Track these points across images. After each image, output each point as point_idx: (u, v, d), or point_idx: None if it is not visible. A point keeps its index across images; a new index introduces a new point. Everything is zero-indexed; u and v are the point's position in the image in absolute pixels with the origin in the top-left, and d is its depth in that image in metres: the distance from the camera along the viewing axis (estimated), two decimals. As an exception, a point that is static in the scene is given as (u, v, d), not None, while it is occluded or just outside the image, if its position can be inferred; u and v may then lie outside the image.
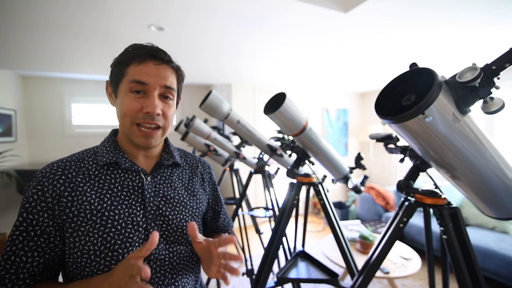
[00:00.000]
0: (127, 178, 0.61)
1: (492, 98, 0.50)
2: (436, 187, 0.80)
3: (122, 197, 0.59)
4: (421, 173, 0.82)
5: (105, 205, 0.57)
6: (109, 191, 0.59)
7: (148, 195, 0.61)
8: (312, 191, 1.29)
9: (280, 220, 1.22)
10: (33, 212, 0.54)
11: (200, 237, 0.59)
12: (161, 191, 0.64)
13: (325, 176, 1.35)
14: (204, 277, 2.48)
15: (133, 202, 0.60)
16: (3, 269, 0.52)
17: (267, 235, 3.25)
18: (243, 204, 3.17)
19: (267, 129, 3.92)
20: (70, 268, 0.56)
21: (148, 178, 0.63)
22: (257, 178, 3.85)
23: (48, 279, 0.57)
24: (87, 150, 0.64)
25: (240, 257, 0.56)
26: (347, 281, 2.01)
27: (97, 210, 0.56)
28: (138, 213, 0.59)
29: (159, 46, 0.62)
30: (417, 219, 2.82)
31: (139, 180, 0.62)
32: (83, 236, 0.54)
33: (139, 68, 0.58)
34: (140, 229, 0.58)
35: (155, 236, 0.48)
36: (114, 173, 0.61)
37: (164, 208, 0.63)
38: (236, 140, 3.30)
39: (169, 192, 0.65)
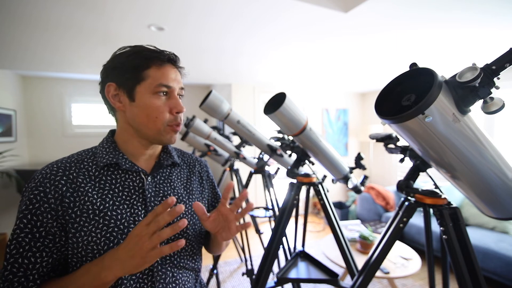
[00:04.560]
0: (127, 178, 0.62)
1: (492, 98, 0.49)
2: (436, 187, 0.81)
3: (124, 197, 0.60)
4: (421, 173, 0.82)
5: (107, 205, 0.57)
6: (111, 192, 0.59)
7: (149, 195, 0.62)
8: (312, 191, 1.29)
9: (280, 220, 1.22)
10: (36, 214, 0.54)
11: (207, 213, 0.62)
12: (161, 191, 0.65)
13: (325, 176, 1.35)
14: (204, 276, 2.48)
15: (135, 202, 0.60)
16: (10, 273, 0.51)
17: (267, 235, 3.25)
18: (243, 204, 3.17)
19: (267, 129, 3.92)
20: (74, 267, 0.56)
21: (149, 178, 0.64)
22: (257, 178, 3.86)
23: (54, 278, 0.57)
24: (85, 151, 0.64)
25: (246, 193, 0.61)
26: (347, 281, 2.01)
27: (99, 210, 0.56)
28: (139, 212, 0.60)
29: (159, 47, 0.63)
30: (417, 219, 2.82)
31: (139, 180, 0.63)
32: (85, 236, 0.54)
33: (162, 72, 0.60)
34: None
35: (172, 199, 0.50)
36: (115, 173, 0.62)
37: None
38: (236, 140, 3.30)
39: (169, 192, 0.66)
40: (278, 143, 1.41)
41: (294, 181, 1.28)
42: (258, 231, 2.29)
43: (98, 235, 0.55)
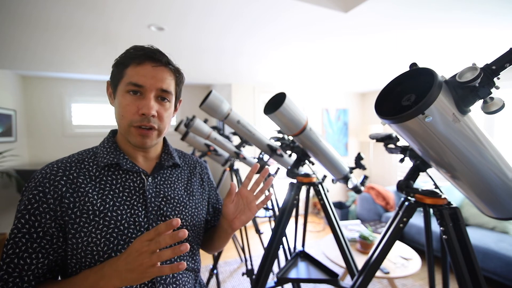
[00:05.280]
0: (128, 179, 0.62)
1: (492, 98, 0.49)
2: (436, 187, 0.81)
3: (124, 197, 0.59)
4: (421, 173, 0.82)
5: (107, 205, 0.57)
6: (111, 192, 0.59)
7: (149, 196, 0.62)
8: (312, 191, 1.29)
9: (280, 220, 1.22)
10: (35, 214, 0.53)
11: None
12: (161, 192, 0.65)
13: (325, 176, 1.35)
14: (204, 276, 2.48)
15: (135, 203, 0.60)
16: (5, 273, 0.51)
17: (267, 235, 3.25)
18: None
19: (267, 129, 3.92)
20: (73, 269, 0.56)
21: (149, 179, 0.64)
22: (257, 178, 3.85)
23: (50, 279, 0.57)
24: (86, 151, 0.64)
25: (267, 169, 0.66)
26: (347, 281, 2.01)
27: (99, 210, 0.56)
28: (140, 213, 0.60)
29: (159, 47, 0.63)
30: (417, 219, 2.82)
31: (140, 181, 0.63)
32: (85, 237, 0.54)
33: (137, 70, 0.58)
34: (142, 229, 0.59)
35: (177, 221, 0.48)
36: (115, 174, 0.61)
37: (165, 208, 0.63)
38: (236, 140, 3.30)
39: (170, 193, 0.66)
40: (278, 143, 1.41)
41: (294, 181, 1.28)
42: (258, 231, 2.29)
43: (98, 236, 0.54)
